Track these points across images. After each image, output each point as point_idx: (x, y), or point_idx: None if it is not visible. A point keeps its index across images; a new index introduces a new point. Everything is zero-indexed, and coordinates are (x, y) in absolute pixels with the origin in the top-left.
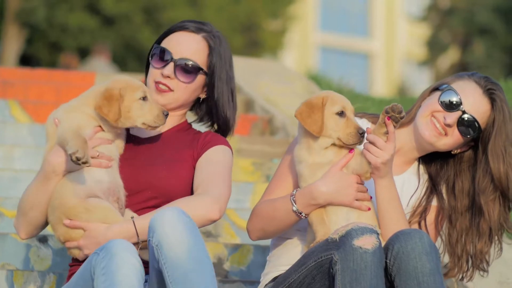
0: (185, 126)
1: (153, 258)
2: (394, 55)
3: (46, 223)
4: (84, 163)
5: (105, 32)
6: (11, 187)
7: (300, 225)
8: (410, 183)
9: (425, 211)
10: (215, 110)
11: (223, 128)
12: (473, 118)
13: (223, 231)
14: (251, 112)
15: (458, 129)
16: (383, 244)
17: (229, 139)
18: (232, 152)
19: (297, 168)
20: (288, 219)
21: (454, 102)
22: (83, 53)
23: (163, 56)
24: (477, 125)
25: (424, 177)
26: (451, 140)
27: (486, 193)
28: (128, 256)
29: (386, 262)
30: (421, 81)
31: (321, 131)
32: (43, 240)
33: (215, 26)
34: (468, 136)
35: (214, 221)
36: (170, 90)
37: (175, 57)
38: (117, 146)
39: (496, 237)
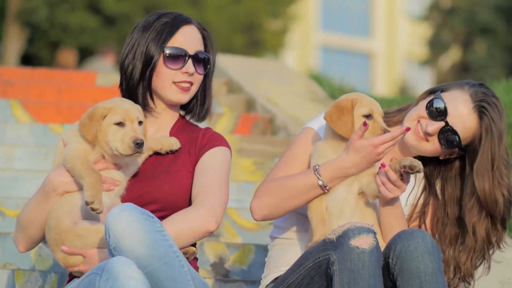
0: (181, 123)
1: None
2: (395, 55)
3: (42, 237)
4: (98, 213)
5: (106, 32)
6: (12, 186)
7: (299, 226)
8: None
9: (424, 208)
10: (206, 94)
11: (204, 114)
12: (455, 131)
13: (224, 231)
14: (252, 112)
15: (439, 139)
16: (383, 245)
17: (229, 138)
18: (230, 152)
19: (313, 160)
20: (307, 193)
21: (439, 112)
22: (84, 53)
23: (177, 56)
24: (457, 139)
25: (420, 174)
26: (432, 147)
27: (472, 212)
28: (130, 272)
29: (388, 261)
30: (423, 80)
31: (350, 133)
32: (45, 240)
33: (215, 25)
34: (448, 148)
35: (211, 232)
36: (191, 85)
37: (191, 52)
38: (126, 171)
39: (481, 255)
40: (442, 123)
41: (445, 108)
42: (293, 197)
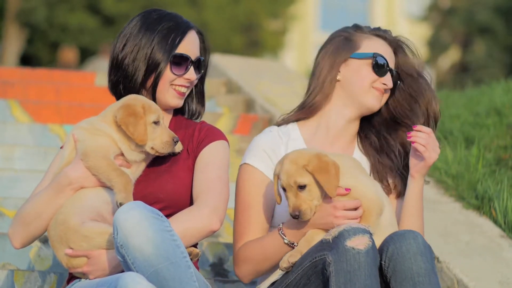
0: (177, 120)
1: (120, 255)
2: None
3: (43, 233)
4: None
5: (105, 32)
6: (11, 187)
7: None
8: (363, 163)
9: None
10: (200, 97)
11: (200, 114)
12: (393, 69)
13: (223, 231)
14: (251, 112)
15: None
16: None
17: (229, 138)
18: (228, 143)
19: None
20: (280, 253)
21: (384, 65)
22: (84, 53)
23: (182, 63)
24: (395, 72)
25: (366, 152)
26: (387, 95)
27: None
28: None
29: (381, 263)
30: None
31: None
32: (44, 240)
33: (215, 26)
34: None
35: (215, 231)
36: (187, 89)
37: (193, 58)
38: (134, 172)
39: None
40: (388, 73)
41: (384, 59)
42: (268, 260)
